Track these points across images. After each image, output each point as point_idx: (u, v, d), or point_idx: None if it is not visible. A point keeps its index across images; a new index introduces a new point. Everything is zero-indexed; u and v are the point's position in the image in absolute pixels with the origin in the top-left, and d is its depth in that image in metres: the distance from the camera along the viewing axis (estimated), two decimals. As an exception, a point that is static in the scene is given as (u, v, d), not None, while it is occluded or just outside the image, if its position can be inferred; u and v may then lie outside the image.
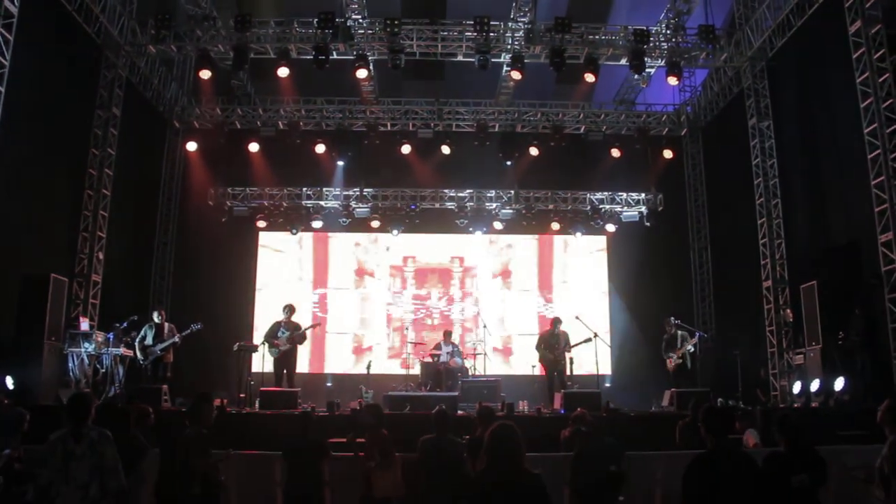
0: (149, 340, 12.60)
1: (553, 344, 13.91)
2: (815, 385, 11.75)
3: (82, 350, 12.34)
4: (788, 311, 14.04)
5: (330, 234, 18.80)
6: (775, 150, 14.95)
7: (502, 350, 18.13)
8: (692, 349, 13.73)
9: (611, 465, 6.78)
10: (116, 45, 14.63)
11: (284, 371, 13.11)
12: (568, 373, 13.72)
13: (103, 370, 12.63)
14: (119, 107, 14.75)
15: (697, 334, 14.11)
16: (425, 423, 7.53)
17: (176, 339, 12.70)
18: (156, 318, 12.83)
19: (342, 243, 18.98)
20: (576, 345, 13.79)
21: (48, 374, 11.48)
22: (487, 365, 15.00)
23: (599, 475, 6.66)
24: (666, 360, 13.84)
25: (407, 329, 16.38)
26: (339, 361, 18.09)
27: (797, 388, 12.53)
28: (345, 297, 18.65)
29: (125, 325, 13.03)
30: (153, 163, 17.90)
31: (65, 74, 13.45)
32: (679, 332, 13.79)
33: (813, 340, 12.31)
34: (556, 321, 14.26)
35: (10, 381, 10.31)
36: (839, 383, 11.12)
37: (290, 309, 13.49)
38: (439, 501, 6.76)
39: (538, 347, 14.15)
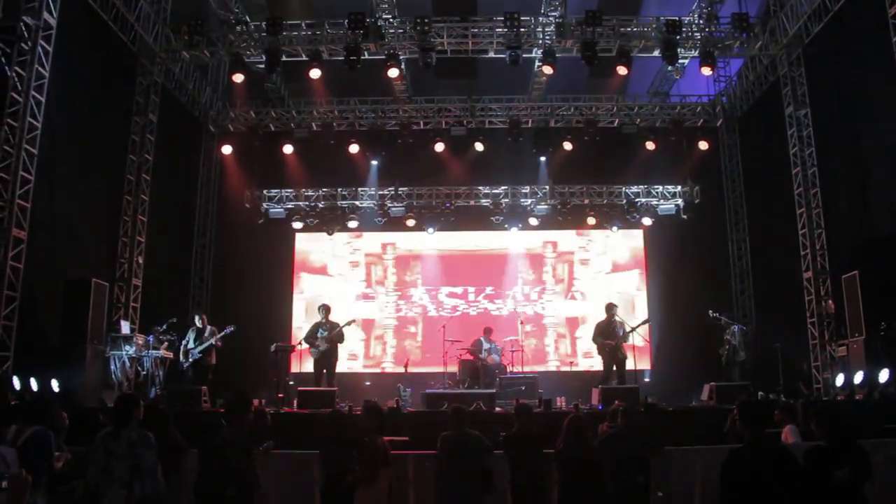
0: (191, 344, 12.78)
1: (611, 332, 13.18)
2: (858, 377, 11.53)
3: (123, 353, 12.61)
4: (830, 302, 13.78)
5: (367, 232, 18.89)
6: (813, 139, 14.67)
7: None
8: (738, 340, 13.67)
9: (639, 473, 6.90)
10: (151, 52, 14.89)
11: (324, 371, 13.16)
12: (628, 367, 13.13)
13: (144, 372, 12.87)
14: (155, 113, 15.01)
15: (737, 327, 14.00)
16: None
17: (213, 341, 12.83)
18: (198, 322, 12.99)
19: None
20: (633, 329, 13.21)
21: (91, 377, 11.75)
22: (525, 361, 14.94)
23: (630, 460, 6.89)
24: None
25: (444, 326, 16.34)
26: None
27: (840, 380, 12.29)
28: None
29: (164, 327, 13.27)
30: (190, 167, 18.15)
31: (102, 82, 13.70)
32: (727, 324, 13.86)
33: (856, 332, 12.08)
34: (611, 307, 13.51)
35: (55, 384, 10.56)
36: (884, 375, 10.90)
37: (325, 309, 13.55)
38: (461, 493, 6.78)
39: (595, 338, 13.42)
